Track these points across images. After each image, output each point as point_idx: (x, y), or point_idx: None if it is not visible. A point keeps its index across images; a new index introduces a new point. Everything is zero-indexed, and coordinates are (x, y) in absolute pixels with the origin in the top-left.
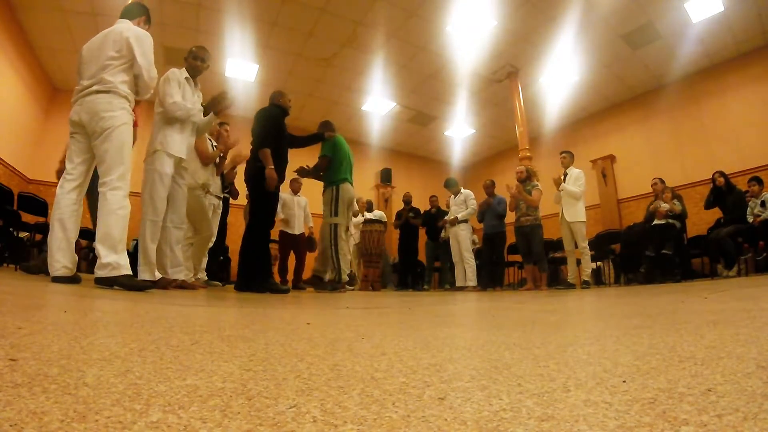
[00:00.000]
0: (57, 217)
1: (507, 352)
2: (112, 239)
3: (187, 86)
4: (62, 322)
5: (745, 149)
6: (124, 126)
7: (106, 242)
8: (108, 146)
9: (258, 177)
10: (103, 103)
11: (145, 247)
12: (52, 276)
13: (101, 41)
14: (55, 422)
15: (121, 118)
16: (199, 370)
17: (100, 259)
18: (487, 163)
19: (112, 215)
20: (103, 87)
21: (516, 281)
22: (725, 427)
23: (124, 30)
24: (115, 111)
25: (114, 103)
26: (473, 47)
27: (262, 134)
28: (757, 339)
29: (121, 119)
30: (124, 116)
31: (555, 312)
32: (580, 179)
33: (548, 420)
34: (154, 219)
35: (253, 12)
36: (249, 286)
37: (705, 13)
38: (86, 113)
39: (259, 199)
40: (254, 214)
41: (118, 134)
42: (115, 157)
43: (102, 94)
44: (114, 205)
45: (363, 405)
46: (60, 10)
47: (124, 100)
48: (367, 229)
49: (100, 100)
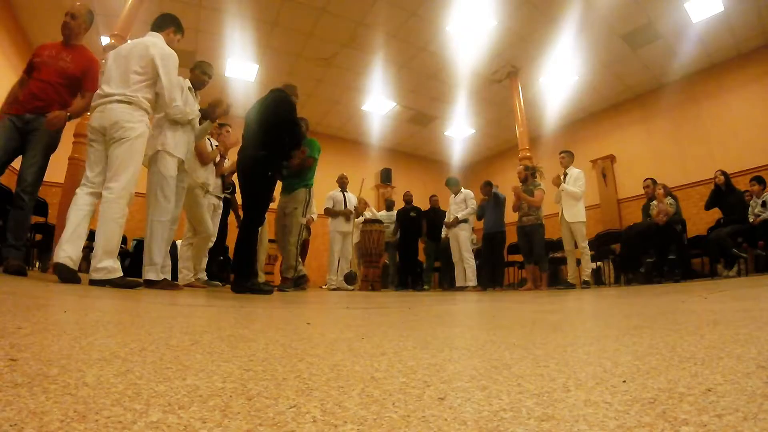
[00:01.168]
0: (73, 212)
1: (507, 352)
2: (110, 246)
3: (189, 94)
4: (62, 322)
5: (745, 149)
6: (140, 138)
7: (105, 248)
8: (120, 153)
9: (260, 169)
10: (125, 113)
11: (150, 248)
12: (54, 262)
13: (128, 51)
14: (55, 422)
15: (139, 129)
16: (199, 370)
17: (96, 262)
18: (487, 163)
19: (113, 223)
20: (126, 98)
21: (516, 281)
22: (725, 427)
23: (150, 46)
24: (135, 122)
25: (135, 114)
26: (473, 47)
27: (296, 125)
28: (757, 339)
29: (138, 131)
30: (141, 128)
31: (555, 312)
32: (579, 179)
33: (548, 420)
34: (160, 219)
35: (253, 12)
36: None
37: (705, 13)
38: (108, 120)
39: (257, 194)
40: (250, 209)
41: (132, 144)
42: (125, 165)
43: (125, 105)
44: (116, 214)
45: (363, 405)
46: (60, 9)
47: (144, 112)
48: (367, 229)
49: (123, 109)
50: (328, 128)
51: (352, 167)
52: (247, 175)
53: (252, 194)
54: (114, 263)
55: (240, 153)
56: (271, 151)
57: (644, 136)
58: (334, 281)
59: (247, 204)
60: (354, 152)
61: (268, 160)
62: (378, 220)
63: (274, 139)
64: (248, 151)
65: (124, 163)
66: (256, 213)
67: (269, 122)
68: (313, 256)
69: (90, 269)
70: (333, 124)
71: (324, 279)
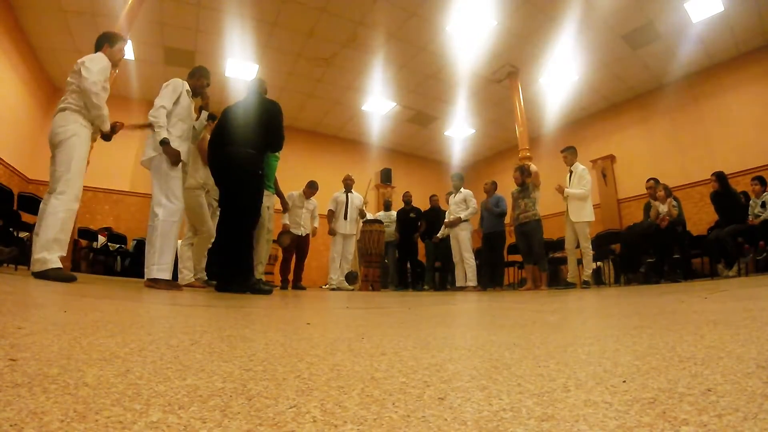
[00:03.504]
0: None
1: (507, 352)
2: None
3: (187, 97)
4: (62, 322)
5: (745, 149)
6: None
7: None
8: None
9: (252, 167)
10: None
11: (162, 249)
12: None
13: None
14: (55, 422)
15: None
16: (199, 370)
17: (33, 255)
18: (487, 163)
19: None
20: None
21: (516, 281)
22: (725, 427)
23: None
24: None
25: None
26: (473, 47)
27: (281, 132)
28: (757, 339)
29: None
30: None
31: (555, 312)
32: (584, 177)
33: (548, 420)
34: (172, 220)
35: (253, 12)
36: (230, 286)
37: (705, 13)
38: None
39: (251, 192)
40: (244, 207)
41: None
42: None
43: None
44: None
45: (363, 405)
46: (60, 10)
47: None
48: (367, 229)
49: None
50: (328, 128)
51: (352, 167)
52: (235, 172)
53: (243, 192)
54: (47, 254)
55: (219, 148)
56: (259, 151)
57: (644, 136)
58: (335, 281)
59: (242, 203)
60: (354, 152)
61: (259, 159)
62: (378, 220)
63: (263, 141)
64: (233, 147)
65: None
66: (252, 212)
67: (264, 125)
68: (313, 256)
69: (31, 262)
70: (333, 124)
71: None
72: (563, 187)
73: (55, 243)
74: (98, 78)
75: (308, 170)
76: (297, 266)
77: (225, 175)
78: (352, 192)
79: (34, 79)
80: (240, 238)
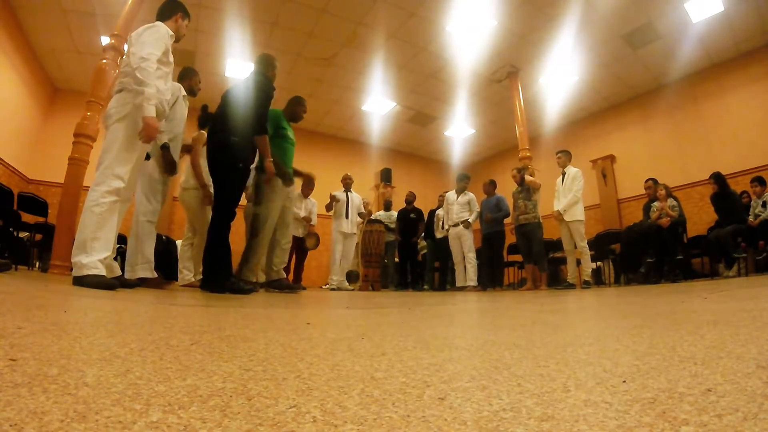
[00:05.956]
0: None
1: (507, 352)
2: (81, 238)
3: (182, 102)
4: (62, 322)
5: (745, 149)
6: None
7: (76, 241)
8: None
9: (230, 156)
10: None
11: (143, 248)
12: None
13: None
14: (55, 422)
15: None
16: (199, 370)
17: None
18: (487, 163)
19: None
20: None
21: (516, 281)
22: (725, 427)
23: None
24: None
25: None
26: (473, 47)
27: (262, 114)
28: (757, 339)
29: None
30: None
31: (555, 312)
32: (577, 179)
33: (548, 420)
34: (150, 220)
35: (253, 12)
36: (209, 286)
37: (705, 13)
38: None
39: (228, 185)
40: (221, 202)
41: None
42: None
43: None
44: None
45: (363, 405)
46: (60, 10)
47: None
48: (368, 229)
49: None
50: (328, 128)
51: (352, 167)
52: (217, 164)
53: (218, 187)
54: (83, 258)
55: (210, 137)
56: (244, 138)
57: (644, 136)
58: (335, 281)
59: (217, 198)
60: (354, 152)
61: (241, 148)
62: (378, 220)
63: (248, 126)
64: (220, 135)
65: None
66: (230, 205)
67: (259, 117)
68: (313, 256)
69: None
70: (333, 124)
71: (324, 279)
72: (561, 214)
73: (93, 243)
74: (152, 51)
75: (308, 170)
76: (297, 266)
77: (210, 167)
78: (351, 191)
79: (34, 79)
80: (213, 235)
